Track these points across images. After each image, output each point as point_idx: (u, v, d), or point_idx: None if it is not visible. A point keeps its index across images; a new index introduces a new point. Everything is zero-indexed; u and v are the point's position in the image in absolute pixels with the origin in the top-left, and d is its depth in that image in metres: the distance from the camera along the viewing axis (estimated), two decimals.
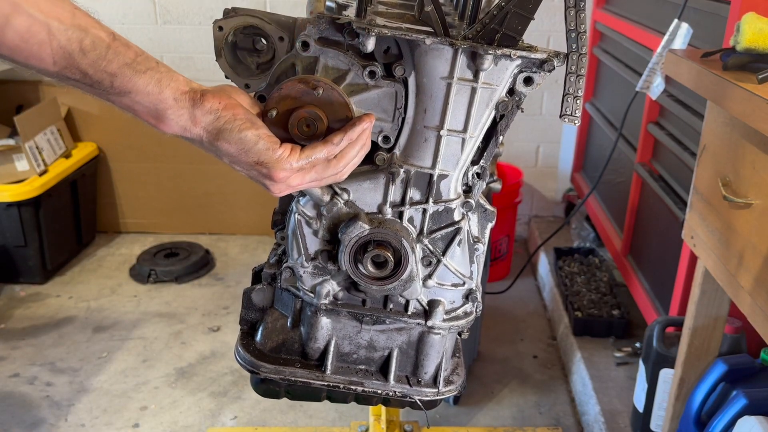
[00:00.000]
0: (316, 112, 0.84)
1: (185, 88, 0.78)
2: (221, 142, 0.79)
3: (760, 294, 1.22)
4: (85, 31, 0.71)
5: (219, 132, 0.79)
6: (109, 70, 0.73)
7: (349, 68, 0.88)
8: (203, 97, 0.78)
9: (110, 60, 0.73)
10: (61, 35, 0.70)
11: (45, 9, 0.69)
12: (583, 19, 0.88)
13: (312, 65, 0.89)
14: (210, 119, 0.78)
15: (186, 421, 2.22)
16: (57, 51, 0.71)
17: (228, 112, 0.79)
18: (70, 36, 0.70)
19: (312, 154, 0.82)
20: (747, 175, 1.30)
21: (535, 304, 2.96)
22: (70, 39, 0.71)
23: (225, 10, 1.00)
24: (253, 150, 0.80)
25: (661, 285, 2.18)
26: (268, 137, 0.80)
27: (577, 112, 0.91)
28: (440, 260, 0.99)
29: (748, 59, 1.32)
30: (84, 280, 3.07)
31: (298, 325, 1.06)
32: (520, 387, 2.41)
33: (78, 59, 0.72)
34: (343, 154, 0.85)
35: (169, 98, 0.77)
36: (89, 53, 0.72)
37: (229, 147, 0.79)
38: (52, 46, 0.70)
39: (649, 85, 2.05)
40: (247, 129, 0.79)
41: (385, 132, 0.92)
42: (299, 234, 0.98)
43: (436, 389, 1.06)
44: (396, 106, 0.91)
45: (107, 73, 0.73)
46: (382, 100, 0.90)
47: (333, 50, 0.88)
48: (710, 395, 1.52)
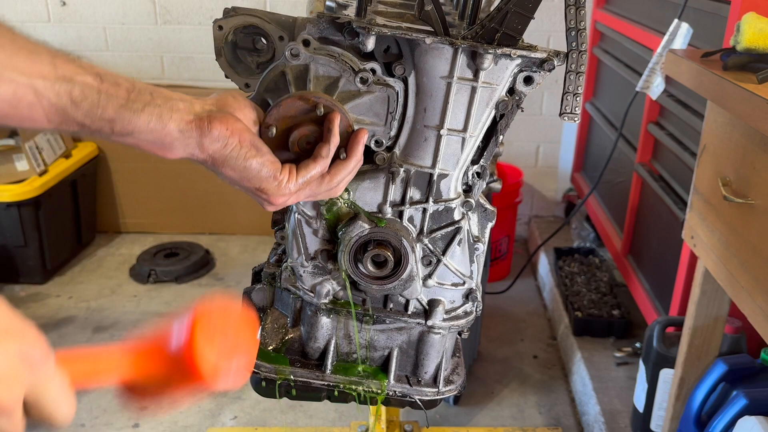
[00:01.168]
0: (317, 129, 0.83)
1: (189, 117, 0.75)
2: (226, 168, 0.78)
3: (760, 294, 1.22)
4: (72, 82, 0.67)
5: (225, 159, 0.77)
6: (106, 116, 0.70)
7: (341, 74, 0.87)
8: (210, 124, 0.75)
9: (104, 106, 0.69)
10: (49, 92, 0.66)
11: (26, 69, 0.65)
12: (583, 17, 0.88)
13: (303, 73, 0.87)
14: (218, 147, 0.76)
15: (186, 421, 2.22)
16: (48, 109, 0.67)
17: (235, 138, 0.76)
18: (58, 90, 0.67)
19: (306, 173, 0.81)
20: (747, 175, 1.30)
21: (535, 304, 2.96)
22: (59, 94, 0.67)
23: (225, 10, 1.00)
24: (255, 178, 0.79)
25: (661, 285, 2.18)
26: (271, 164, 0.79)
27: (576, 109, 0.91)
28: (440, 260, 0.99)
29: (748, 59, 1.32)
30: (84, 280, 3.07)
31: (298, 324, 1.06)
32: (520, 387, 2.41)
33: (72, 112, 0.68)
34: (336, 172, 0.84)
35: (174, 131, 0.74)
36: (81, 104, 0.68)
37: (233, 173, 0.78)
38: (42, 106, 0.67)
39: (649, 85, 2.05)
40: (252, 157, 0.78)
41: (378, 136, 0.92)
42: (299, 233, 0.98)
43: (436, 389, 1.06)
44: (388, 110, 0.90)
45: (105, 120, 0.70)
46: (375, 104, 0.89)
47: (323, 57, 0.86)
48: (710, 395, 1.52)
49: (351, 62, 0.89)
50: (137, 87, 0.72)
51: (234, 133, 0.76)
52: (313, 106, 0.82)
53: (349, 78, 0.87)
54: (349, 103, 0.88)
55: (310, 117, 0.83)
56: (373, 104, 0.89)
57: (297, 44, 0.86)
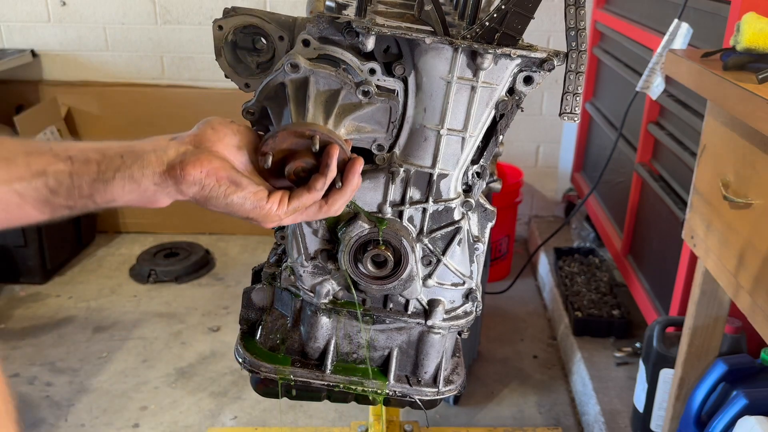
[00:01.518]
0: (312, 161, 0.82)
1: (161, 168, 0.75)
2: (209, 206, 0.79)
3: (760, 294, 1.22)
4: (45, 174, 0.71)
5: (207, 199, 0.78)
6: (84, 194, 0.73)
7: (341, 87, 0.86)
8: (183, 171, 0.75)
9: (79, 186, 0.72)
10: (29, 190, 0.70)
11: (4, 178, 0.69)
12: (582, 16, 0.88)
13: (302, 86, 0.85)
14: (195, 190, 0.77)
15: (186, 421, 2.22)
16: (35, 204, 0.71)
17: (211, 179, 0.76)
18: (36, 186, 0.71)
19: (298, 203, 0.81)
20: (747, 175, 1.30)
21: (535, 304, 2.96)
22: (37, 189, 0.71)
23: (225, 10, 1.00)
24: (240, 210, 0.80)
25: (661, 285, 2.18)
26: (253, 195, 0.79)
27: (576, 109, 0.91)
28: (440, 260, 0.99)
29: (748, 59, 1.32)
30: (84, 280, 3.07)
31: (298, 324, 1.06)
32: (520, 387, 2.41)
33: (54, 200, 0.72)
34: (334, 201, 0.84)
35: (150, 186, 0.75)
36: (59, 191, 0.72)
37: (218, 209, 0.80)
38: (28, 203, 0.71)
39: (649, 85, 2.05)
40: (232, 194, 0.78)
41: (379, 141, 0.92)
42: (299, 233, 0.98)
43: (436, 389, 1.06)
44: (390, 119, 0.90)
45: (84, 198, 0.73)
46: (377, 113, 0.89)
47: (323, 71, 0.85)
48: (710, 395, 1.52)
49: (351, 63, 0.88)
50: (107, 155, 0.74)
51: (210, 174, 0.76)
52: (310, 138, 0.81)
53: (350, 90, 0.85)
54: (350, 114, 0.87)
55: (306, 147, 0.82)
56: (375, 113, 0.89)
57: (296, 57, 0.84)
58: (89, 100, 3.32)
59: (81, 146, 0.74)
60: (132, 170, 0.74)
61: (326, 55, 0.90)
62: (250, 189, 0.79)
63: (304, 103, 0.85)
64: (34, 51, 3.27)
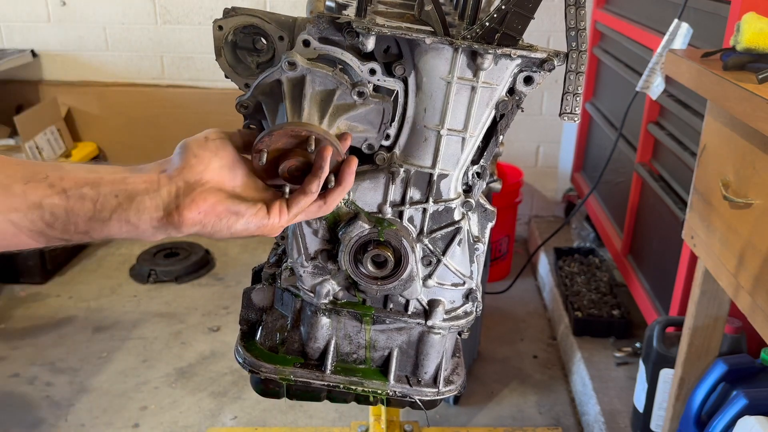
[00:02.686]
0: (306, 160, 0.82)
1: (158, 214, 0.75)
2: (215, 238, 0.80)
3: (760, 294, 1.22)
4: (41, 207, 0.71)
5: (210, 234, 0.79)
6: (80, 230, 0.73)
7: (337, 86, 0.86)
8: (181, 217, 0.75)
9: (75, 222, 0.73)
10: (24, 222, 0.71)
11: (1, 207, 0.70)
12: (583, 17, 0.88)
13: (299, 84, 0.85)
14: (197, 229, 0.77)
15: (186, 421, 2.22)
16: (30, 234, 0.72)
17: (210, 217, 0.76)
18: (32, 218, 0.71)
19: (297, 207, 0.82)
20: (747, 175, 1.30)
21: (535, 304, 2.96)
22: (33, 221, 0.71)
23: (225, 10, 1.00)
24: (246, 233, 0.81)
25: (661, 285, 2.18)
26: (254, 217, 0.79)
27: (576, 109, 0.91)
28: (440, 260, 0.99)
29: (748, 59, 1.32)
30: (84, 280, 3.07)
31: (298, 325, 1.06)
32: (520, 387, 2.41)
33: (49, 233, 0.72)
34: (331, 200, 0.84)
35: (148, 229, 0.75)
36: (55, 224, 0.72)
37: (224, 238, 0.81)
38: (24, 233, 0.72)
39: (649, 85, 2.05)
40: (234, 223, 0.78)
41: (370, 141, 0.92)
42: (299, 233, 0.98)
43: (436, 389, 1.06)
44: (383, 120, 0.89)
45: (80, 233, 0.74)
46: (370, 114, 0.88)
47: (320, 70, 0.85)
48: (710, 395, 1.52)
49: (351, 62, 0.88)
50: (102, 193, 0.73)
51: (208, 213, 0.76)
52: (305, 139, 0.81)
53: (346, 90, 0.85)
54: (344, 114, 0.87)
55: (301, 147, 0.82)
56: (368, 114, 0.88)
57: (294, 55, 0.84)
58: (89, 100, 3.32)
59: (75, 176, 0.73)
60: (128, 214, 0.74)
61: (326, 56, 0.90)
62: (250, 212, 0.79)
63: (299, 101, 0.85)
64: (34, 51, 3.27)
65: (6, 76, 3.18)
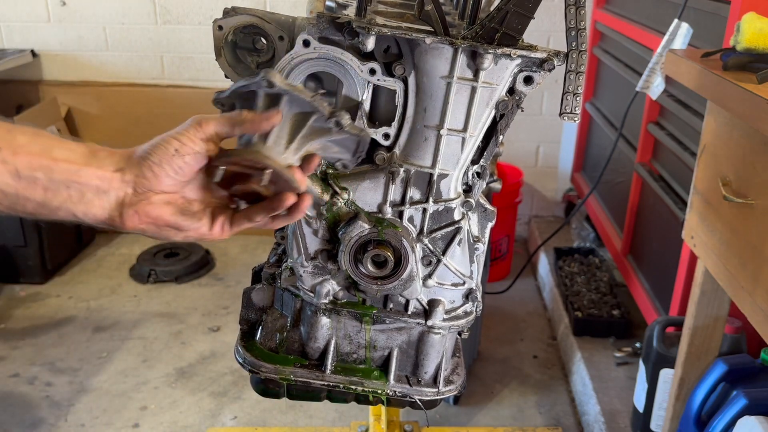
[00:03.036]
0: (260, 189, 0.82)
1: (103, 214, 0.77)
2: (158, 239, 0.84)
3: (760, 294, 1.22)
4: None
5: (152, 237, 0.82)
6: (27, 211, 0.76)
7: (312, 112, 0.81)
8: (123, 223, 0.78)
9: (23, 204, 0.75)
10: None
11: None
12: (582, 16, 0.88)
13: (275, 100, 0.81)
14: (139, 231, 0.81)
15: (186, 421, 2.22)
16: None
17: (151, 227, 0.80)
18: None
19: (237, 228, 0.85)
20: (747, 175, 1.30)
21: (535, 304, 2.96)
22: None
23: (225, 10, 1.00)
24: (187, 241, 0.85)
25: (661, 285, 2.18)
26: (195, 232, 0.83)
27: (576, 109, 0.91)
28: (440, 260, 0.99)
29: (748, 59, 1.32)
30: (84, 280, 3.07)
31: (298, 324, 1.06)
32: (520, 387, 2.41)
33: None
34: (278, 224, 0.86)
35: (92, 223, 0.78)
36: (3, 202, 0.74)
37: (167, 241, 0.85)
38: None
39: (649, 85, 2.05)
40: (173, 235, 0.82)
41: (344, 162, 0.92)
42: (299, 233, 0.98)
43: (436, 389, 1.06)
44: (358, 149, 0.89)
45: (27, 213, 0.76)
46: (346, 141, 0.86)
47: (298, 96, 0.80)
48: (710, 395, 1.52)
49: (351, 62, 0.88)
50: (54, 181, 0.74)
51: (150, 224, 0.80)
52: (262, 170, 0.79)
53: (320, 118, 0.82)
54: (318, 138, 0.84)
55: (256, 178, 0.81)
56: (344, 140, 0.86)
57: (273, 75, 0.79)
58: (89, 100, 3.32)
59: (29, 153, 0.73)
60: (76, 208, 0.76)
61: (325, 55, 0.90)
62: (193, 227, 0.82)
63: None
64: (34, 51, 3.27)
65: (6, 76, 3.18)
